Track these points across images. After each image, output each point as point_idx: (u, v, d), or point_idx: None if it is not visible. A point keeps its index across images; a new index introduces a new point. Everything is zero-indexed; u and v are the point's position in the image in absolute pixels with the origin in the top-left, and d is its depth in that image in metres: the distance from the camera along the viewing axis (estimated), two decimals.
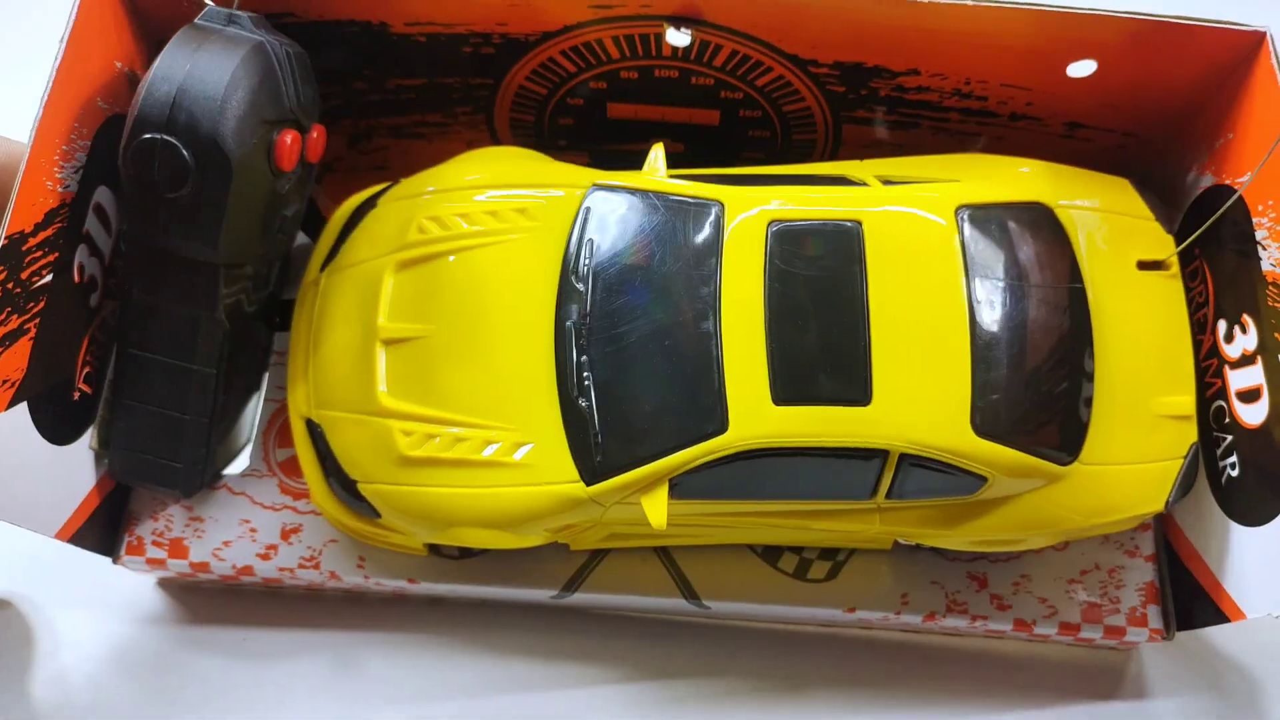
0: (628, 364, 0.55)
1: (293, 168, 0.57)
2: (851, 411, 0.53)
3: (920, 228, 0.56)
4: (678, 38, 0.60)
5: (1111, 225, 0.60)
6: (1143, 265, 0.59)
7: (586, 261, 0.57)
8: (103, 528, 0.62)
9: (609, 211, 0.58)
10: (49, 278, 0.54)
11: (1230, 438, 0.58)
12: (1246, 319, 0.57)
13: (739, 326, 0.54)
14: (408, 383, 0.58)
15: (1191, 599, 0.61)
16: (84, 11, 0.54)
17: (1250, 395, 0.56)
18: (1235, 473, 0.57)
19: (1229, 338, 0.58)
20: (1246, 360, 0.57)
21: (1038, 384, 0.55)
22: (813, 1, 0.56)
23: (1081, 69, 0.59)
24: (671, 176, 0.58)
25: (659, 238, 0.56)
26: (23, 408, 0.53)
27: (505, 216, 0.59)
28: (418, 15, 0.60)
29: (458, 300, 0.58)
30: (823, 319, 0.54)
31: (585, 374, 0.56)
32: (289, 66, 0.56)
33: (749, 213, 0.56)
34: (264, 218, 0.57)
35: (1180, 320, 0.59)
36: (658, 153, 0.59)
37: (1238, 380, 0.57)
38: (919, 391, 0.53)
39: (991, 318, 0.54)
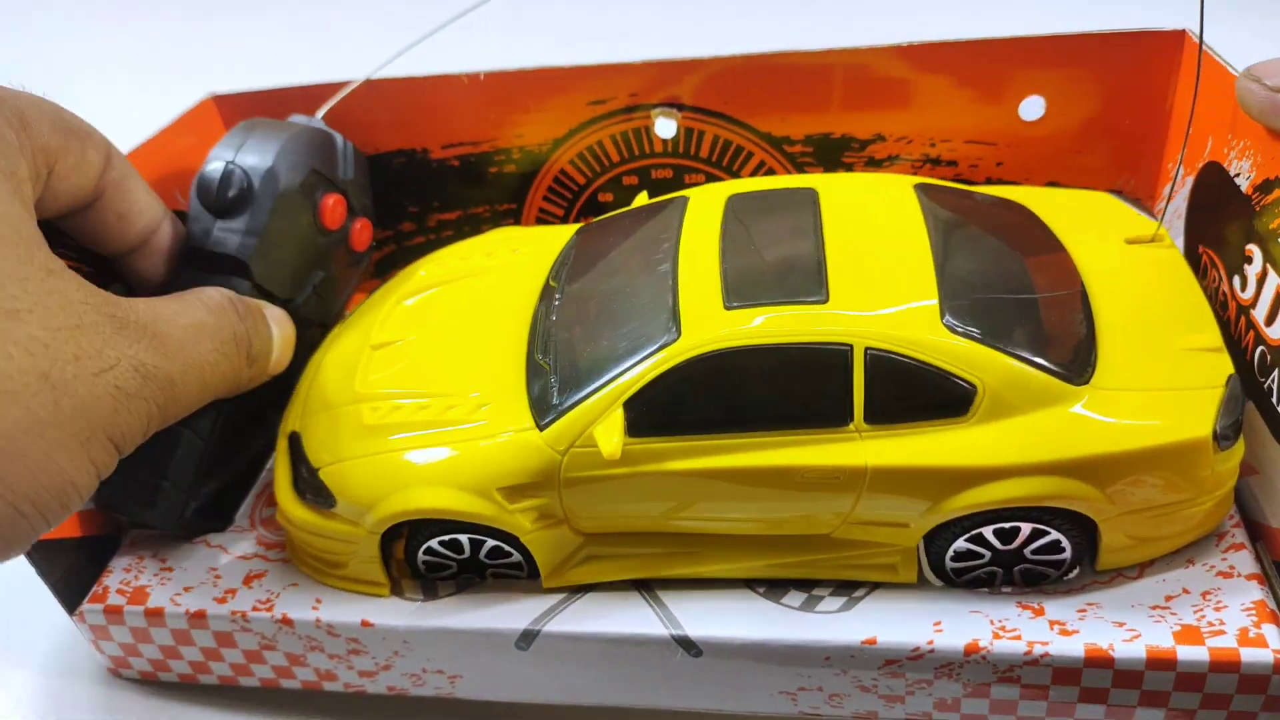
0: (591, 316, 0.55)
1: (335, 228, 0.65)
2: (806, 308, 0.50)
3: (877, 186, 0.58)
4: (664, 127, 0.69)
5: (1090, 214, 0.59)
6: (1130, 241, 0.57)
7: (566, 266, 0.60)
8: (79, 567, 0.60)
9: (593, 234, 0.63)
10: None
11: (1275, 372, 0.50)
12: (1250, 249, 0.53)
13: (695, 256, 0.54)
14: (386, 373, 0.59)
15: None
16: (188, 117, 0.69)
17: (1275, 311, 0.50)
18: None
19: (1244, 284, 0.53)
20: (1260, 283, 0.51)
21: (1012, 292, 0.51)
22: (752, 64, 0.65)
23: (1032, 109, 0.64)
24: None
25: (633, 230, 0.60)
26: None
27: (500, 255, 0.65)
28: (451, 137, 0.72)
29: (446, 310, 0.62)
30: (776, 239, 0.54)
31: (551, 334, 0.56)
32: (346, 152, 0.67)
33: (711, 194, 0.59)
34: (295, 259, 0.64)
35: (1185, 278, 0.55)
36: (641, 195, 0.65)
37: (1260, 310, 0.51)
38: (881, 291, 0.51)
39: (952, 236, 0.53)
